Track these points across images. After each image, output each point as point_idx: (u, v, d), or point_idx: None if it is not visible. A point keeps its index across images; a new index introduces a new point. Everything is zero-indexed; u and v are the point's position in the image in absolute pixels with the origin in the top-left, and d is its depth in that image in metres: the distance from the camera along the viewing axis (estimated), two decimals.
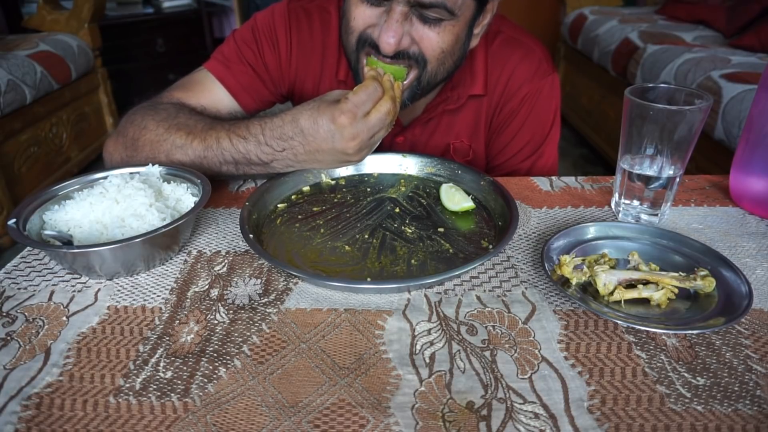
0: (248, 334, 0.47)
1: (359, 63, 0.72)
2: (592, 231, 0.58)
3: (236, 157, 0.65)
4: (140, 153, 0.69)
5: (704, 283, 0.49)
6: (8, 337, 0.47)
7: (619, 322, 0.46)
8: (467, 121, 0.84)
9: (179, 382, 0.42)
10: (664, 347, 0.45)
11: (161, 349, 0.45)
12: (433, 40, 0.68)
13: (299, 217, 0.65)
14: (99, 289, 0.53)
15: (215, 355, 0.45)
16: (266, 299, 0.51)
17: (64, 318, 0.49)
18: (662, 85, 0.62)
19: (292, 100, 0.88)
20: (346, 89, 0.81)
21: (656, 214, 0.63)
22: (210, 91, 0.79)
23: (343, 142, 0.60)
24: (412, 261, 0.57)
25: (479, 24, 0.73)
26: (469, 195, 0.68)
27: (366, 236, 0.61)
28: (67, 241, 0.54)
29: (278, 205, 0.68)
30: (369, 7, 0.67)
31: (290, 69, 0.83)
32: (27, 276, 0.55)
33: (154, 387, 0.42)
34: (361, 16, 0.68)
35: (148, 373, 0.43)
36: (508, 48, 0.82)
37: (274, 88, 0.84)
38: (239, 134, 0.64)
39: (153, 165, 0.64)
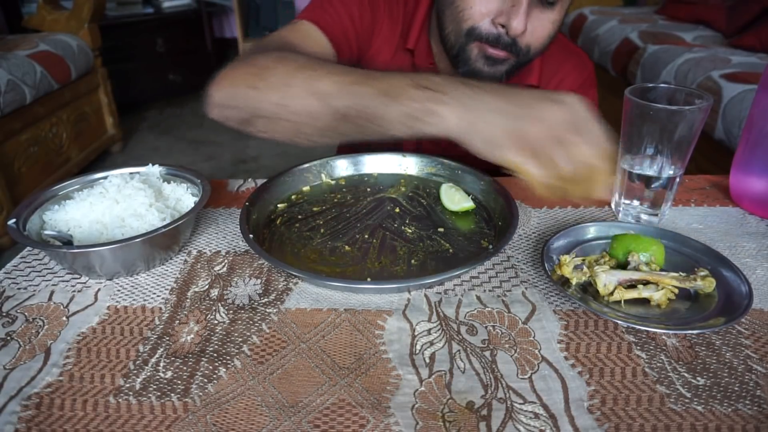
0: (248, 334, 0.47)
1: (466, 52, 0.72)
2: (592, 231, 0.58)
3: (401, 81, 0.52)
4: (269, 79, 0.56)
5: (704, 283, 0.49)
6: (8, 337, 0.47)
7: (619, 322, 0.46)
8: None
9: (179, 382, 0.42)
10: (664, 347, 0.45)
11: (161, 349, 0.45)
12: (546, 29, 0.69)
13: (299, 217, 0.66)
14: (99, 289, 0.53)
15: (215, 355, 0.45)
16: (266, 299, 0.51)
17: (64, 318, 0.49)
18: (662, 85, 0.62)
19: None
20: (412, 60, 0.82)
21: (656, 214, 0.63)
22: (314, 40, 0.73)
23: (552, 113, 0.47)
24: (412, 261, 0.57)
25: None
26: (469, 195, 0.68)
27: (366, 236, 0.61)
28: (67, 241, 0.54)
29: (278, 205, 0.68)
30: None
31: (370, 36, 0.82)
32: (27, 276, 0.55)
33: (154, 387, 0.42)
34: (481, 5, 0.67)
35: (148, 373, 0.43)
36: (565, 54, 0.84)
37: (356, 48, 0.80)
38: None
39: (269, 99, 0.55)
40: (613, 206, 0.67)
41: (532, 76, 0.82)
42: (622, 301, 0.50)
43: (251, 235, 0.56)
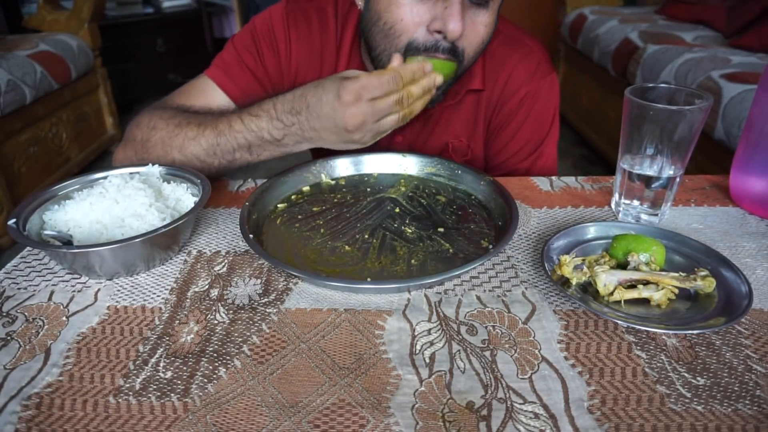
0: (248, 334, 0.47)
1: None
2: (592, 231, 0.58)
3: (249, 139, 0.65)
4: (152, 153, 0.69)
5: (704, 283, 0.49)
6: (8, 337, 0.47)
7: (619, 322, 0.46)
8: (466, 117, 0.84)
9: (179, 382, 0.42)
10: (664, 347, 0.45)
11: (161, 349, 0.45)
12: (480, 33, 0.68)
13: (299, 217, 0.66)
14: (99, 289, 0.53)
15: (215, 355, 0.45)
16: (266, 299, 0.51)
17: (64, 318, 0.49)
18: (662, 85, 0.62)
19: None
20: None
21: (656, 214, 0.63)
22: (211, 98, 0.79)
23: (345, 119, 0.60)
24: (412, 261, 0.57)
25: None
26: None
27: (366, 236, 0.61)
28: (67, 241, 0.54)
29: (278, 205, 0.68)
30: (418, 3, 0.65)
31: (290, 71, 0.83)
32: (27, 276, 0.55)
33: (154, 387, 0.42)
34: (412, 16, 0.66)
35: (148, 373, 0.43)
36: (507, 48, 0.82)
37: (273, 92, 0.83)
38: (251, 113, 0.65)
39: (164, 164, 0.64)
40: (613, 206, 0.67)
41: (474, 81, 0.81)
42: (622, 301, 0.50)
43: (251, 235, 0.56)
